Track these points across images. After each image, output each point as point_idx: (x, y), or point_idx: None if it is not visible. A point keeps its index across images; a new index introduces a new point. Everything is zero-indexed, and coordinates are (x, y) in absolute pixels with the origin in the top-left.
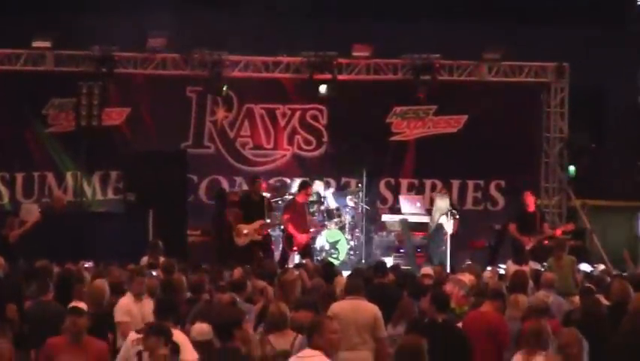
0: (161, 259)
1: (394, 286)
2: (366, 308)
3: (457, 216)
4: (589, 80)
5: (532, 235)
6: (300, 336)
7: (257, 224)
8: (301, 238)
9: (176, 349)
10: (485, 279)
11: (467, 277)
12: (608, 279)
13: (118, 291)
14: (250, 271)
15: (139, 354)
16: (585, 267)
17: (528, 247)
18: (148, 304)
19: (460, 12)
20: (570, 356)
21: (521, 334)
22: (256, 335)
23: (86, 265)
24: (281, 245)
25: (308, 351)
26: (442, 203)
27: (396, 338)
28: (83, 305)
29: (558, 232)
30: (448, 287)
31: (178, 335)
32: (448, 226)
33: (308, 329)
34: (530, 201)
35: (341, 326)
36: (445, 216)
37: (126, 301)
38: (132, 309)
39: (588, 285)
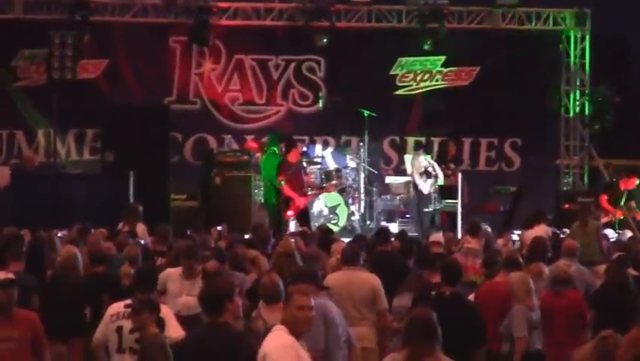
0: (139, 225)
1: (399, 254)
2: (364, 280)
3: (435, 173)
4: (612, 27)
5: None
6: None
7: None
8: (300, 201)
9: (161, 324)
10: (498, 246)
11: (474, 243)
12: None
13: (98, 260)
14: (239, 239)
15: (119, 329)
16: (610, 233)
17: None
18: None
19: None
20: None
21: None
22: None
23: (60, 234)
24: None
25: (276, 326)
26: (417, 162)
27: (401, 310)
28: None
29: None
30: (458, 258)
31: (162, 309)
32: (425, 185)
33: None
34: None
35: (336, 299)
36: (419, 177)
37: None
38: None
39: (619, 254)
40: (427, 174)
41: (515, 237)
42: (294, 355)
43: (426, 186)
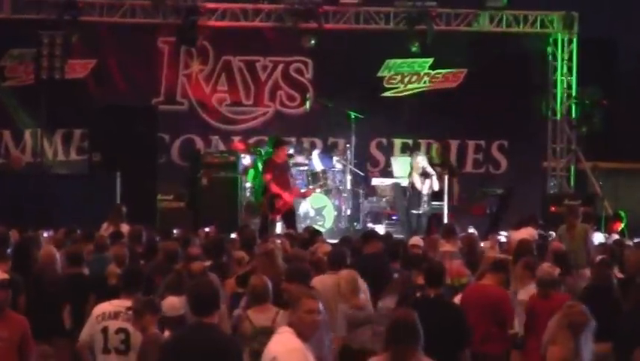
0: (124, 225)
1: (385, 256)
2: None
3: (434, 175)
4: (600, 30)
5: None
6: (282, 312)
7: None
8: (288, 196)
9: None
10: (483, 248)
11: (448, 246)
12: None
13: (76, 262)
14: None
15: (105, 330)
16: (598, 236)
17: None
18: None
19: None
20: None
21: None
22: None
23: (45, 234)
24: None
25: (283, 328)
26: (416, 163)
27: (385, 311)
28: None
29: None
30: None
31: None
32: (424, 186)
33: (290, 303)
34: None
35: (321, 302)
36: (419, 177)
37: None
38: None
39: (602, 256)
40: (425, 174)
41: (503, 238)
42: (304, 359)
43: (424, 187)
